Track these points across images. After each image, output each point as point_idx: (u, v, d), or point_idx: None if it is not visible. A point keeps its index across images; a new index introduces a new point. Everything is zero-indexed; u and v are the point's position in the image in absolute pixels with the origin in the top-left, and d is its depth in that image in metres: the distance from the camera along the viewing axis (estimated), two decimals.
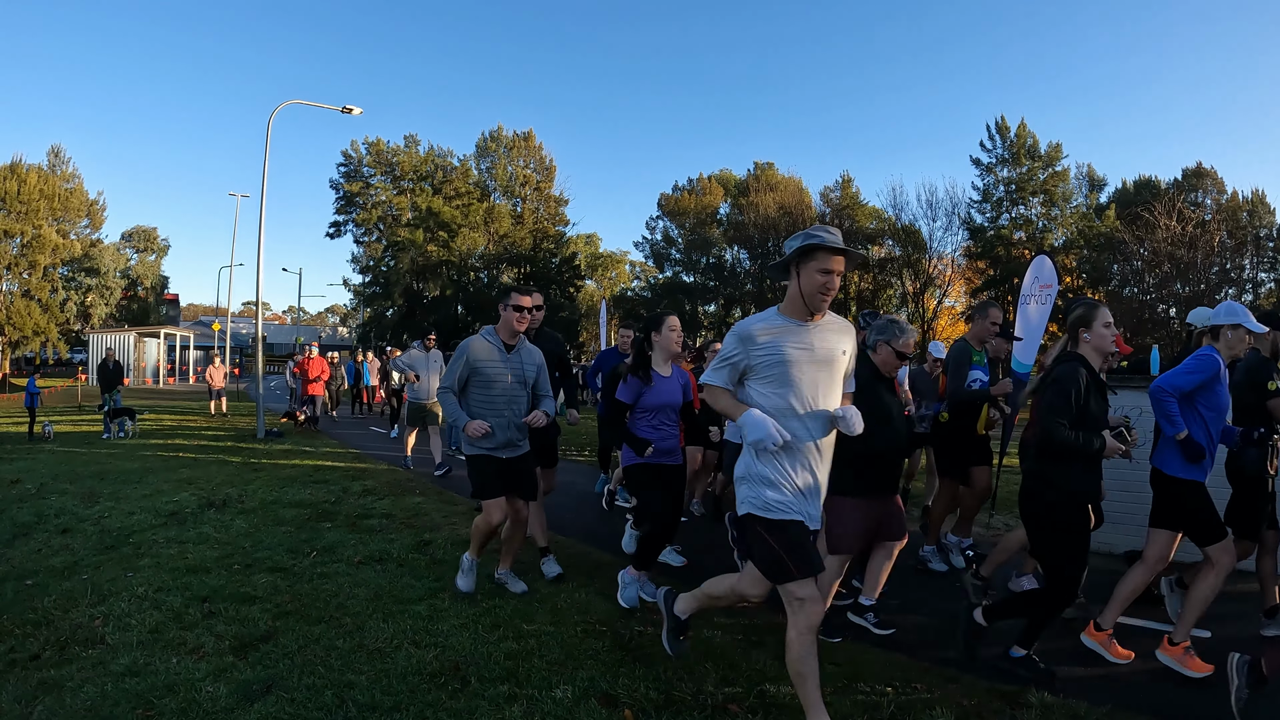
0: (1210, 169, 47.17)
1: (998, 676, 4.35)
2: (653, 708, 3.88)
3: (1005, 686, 4.22)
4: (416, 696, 3.93)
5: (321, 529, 7.71)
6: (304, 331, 58.58)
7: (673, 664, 4.36)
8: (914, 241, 49.88)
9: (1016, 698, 4.07)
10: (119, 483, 10.26)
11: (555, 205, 57.88)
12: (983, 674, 4.38)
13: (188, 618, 5.07)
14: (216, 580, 5.89)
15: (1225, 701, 3.94)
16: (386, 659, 4.41)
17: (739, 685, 4.14)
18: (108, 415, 16.77)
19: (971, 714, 3.91)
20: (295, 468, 11.89)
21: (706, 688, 4.10)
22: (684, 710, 3.87)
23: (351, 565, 6.37)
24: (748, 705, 3.93)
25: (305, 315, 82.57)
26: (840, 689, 4.13)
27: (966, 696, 4.08)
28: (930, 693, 4.13)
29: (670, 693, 4.03)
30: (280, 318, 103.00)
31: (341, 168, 56.83)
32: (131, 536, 7.31)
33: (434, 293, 55.34)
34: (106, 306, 56.78)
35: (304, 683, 4.05)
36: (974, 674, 4.37)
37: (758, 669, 4.39)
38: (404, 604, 5.39)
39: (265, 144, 18.71)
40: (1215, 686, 4.21)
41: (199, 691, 3.94)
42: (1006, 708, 4.00)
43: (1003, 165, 48.40)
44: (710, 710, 3.88)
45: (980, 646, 4.55)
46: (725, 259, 57.00)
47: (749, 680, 4.22)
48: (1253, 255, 43.31)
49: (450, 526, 7.89)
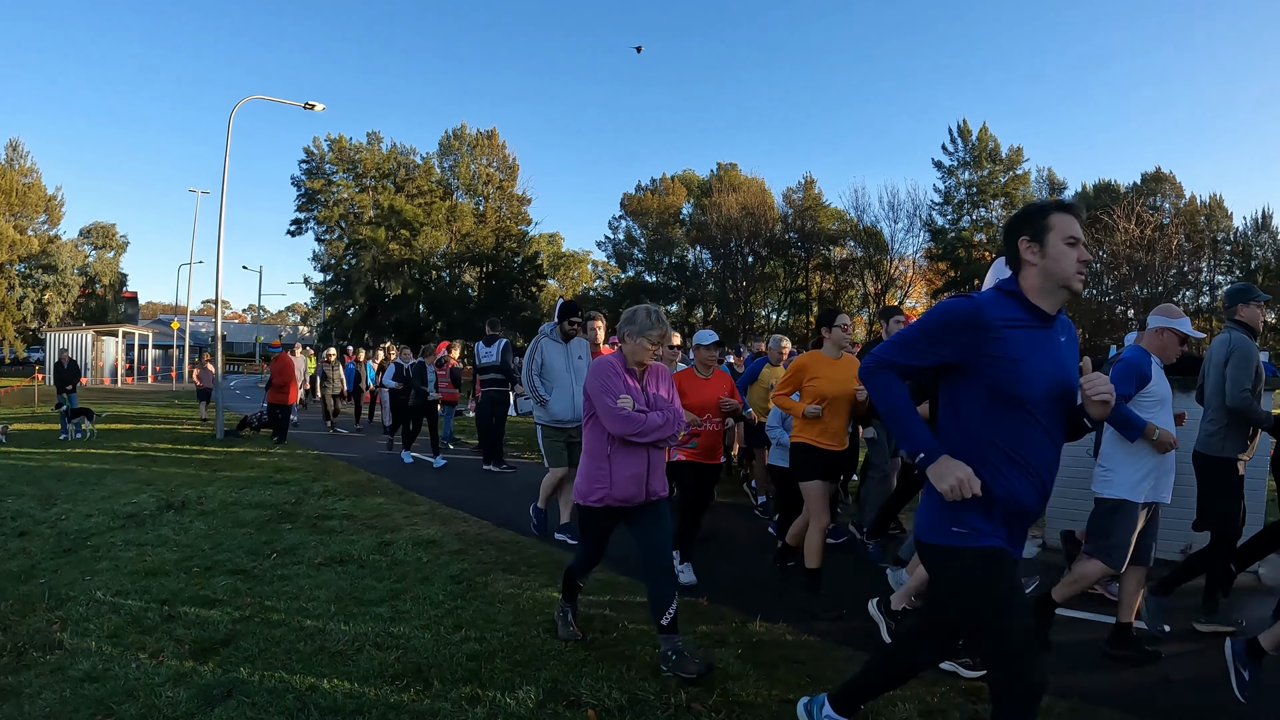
0: (1169, 174, 48.23)
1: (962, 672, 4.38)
2: (616, 708, 3.90)
3: (967, 681, 4.27)
4: (379, 699, 3.93)
5: (282, 530, 7.66)
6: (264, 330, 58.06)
7: (637, 664, 4.39)
8: (876, 243, 50.19)
9: (979, 692, 4.12)
10: (77, 484, 10.12)
11: (518, 204, 57.64)
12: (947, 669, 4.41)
13: (147, 621, 5.03)
14: (176, 583, 5.84)
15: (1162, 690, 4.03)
16: (348, 661, 4.40)
17: (703, 684, 4.16)
18: (65, 415, 16.52)
19: (935, 710, 3.96)
20: (255, 468, 11.78)
21: (671, 686, 4.12)
22: (648, 710, 3.89)
23: (312, 567, 6.35)
24: (711, 704, 3.95)
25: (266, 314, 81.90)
26: (803, 686, 4.17)
27: (930, 692, 4.13)
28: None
29: (634, 693, 4.05)
30: (241, 316, 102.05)
31: (303, 164, 56.19)
32: (89, 539, 7.22)
33: (396, 291, 54.94)
34: (64, 304, 55.90)
35: (265, 686, 4.04)
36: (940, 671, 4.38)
37: (721, 668, 4.41)
38: (365, 606, 5.38)
39: (226, 140, 18.51)
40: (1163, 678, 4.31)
41: (159, 696, 3.90)
42: (968, 702, 4.05)
43: (964, 168, 48.93)
44: (674, 710, 3.90)
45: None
46: (688, 259, 57.00)
47: (713, 679, 4.24)
48: (1210, 258, 44.03)
49: (411, 527, 7.89)
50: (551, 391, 7.57)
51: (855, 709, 3.48)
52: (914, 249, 50.09)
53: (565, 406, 7.51)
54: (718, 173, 57.97)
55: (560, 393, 7.56)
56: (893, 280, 49.82)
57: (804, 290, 52.54)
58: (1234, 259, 45.15)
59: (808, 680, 4.28)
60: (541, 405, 7.58)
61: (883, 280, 49.98)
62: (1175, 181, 47.86)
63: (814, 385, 5.75)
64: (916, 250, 50.06)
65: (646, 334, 4.51)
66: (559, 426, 7.59)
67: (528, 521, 7.71)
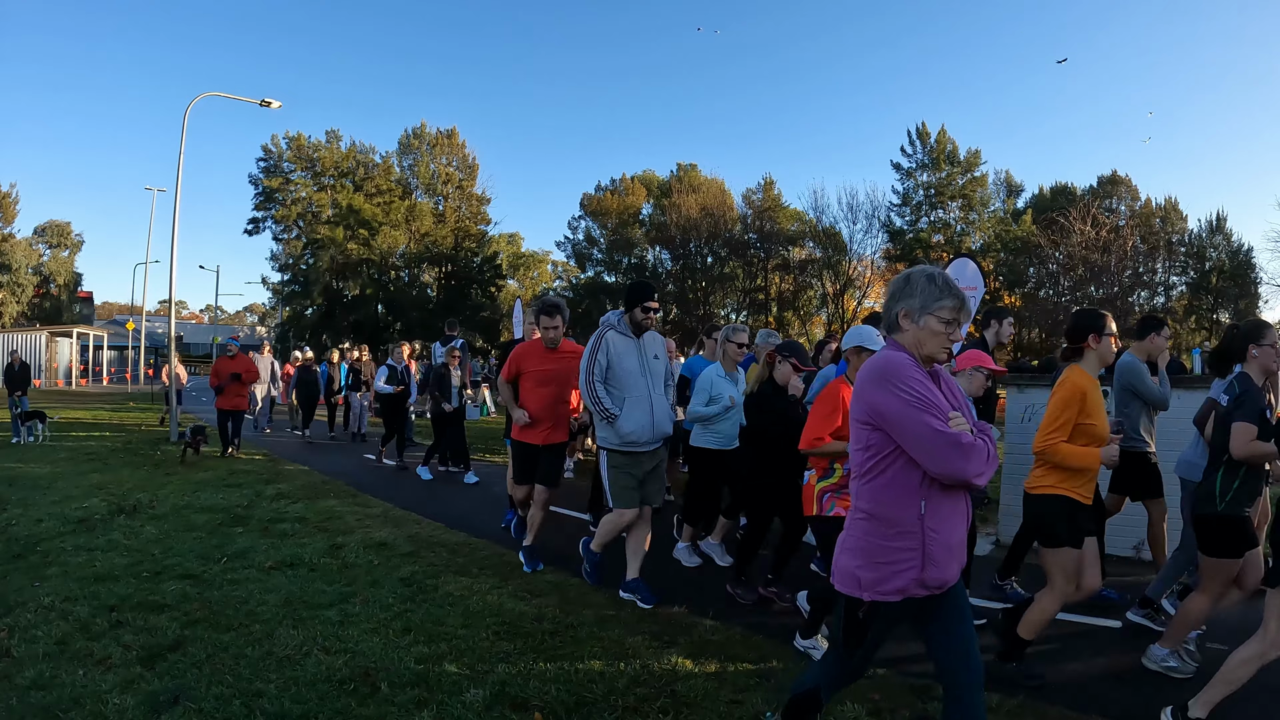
0: (1125, 176, 49.10)
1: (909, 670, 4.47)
2: (564, 709, 3.95)
3: (915, 680, 4.35)
4: (326, 704, 3.95)
5: (233, 534, 7.63)
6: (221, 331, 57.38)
7: (584, 666, 4.43)
8: (834, 244, 50.60)
9: (927, 690, 4.19)
10: (28, 489, 9.99)
11: (477, 204, 57.51)
12: (894, 668, 4.50)
13: (95, 628, 5.01)
14: (125, 588, 5.81)
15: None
16: (296, 666, 4.41)
17: (650, 685, 4.23)
18: (18, 419, 16.28)
19: (884, 708, 4.03)
20: (208, 471, 11.68)
21: (618, 687, 4.18)
22: (595, 712, 3.95)
23: (262, 571, 6.33)
24: (659, 706, 4.00)
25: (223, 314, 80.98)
26: (751, 686, 4.26)
27: (877, 690, 4.21)
28: None
29: (581, 694, 4.11)
30: (198, 316, 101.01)
31: (261, 163, 55.57)
32: (39, 544, 7.14)
33: (354, 291, 54.62)
34: (18, 304, 54.99)
35: (212, 692, 4.04)
36: (885, 668, 4.47)
37: (668, 669, 4.47)
38: (315, 609, 5.39)
39: (181, 137, 18.32)
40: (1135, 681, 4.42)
41: (106, 704, 3.90)
42: (917, 700, 4.14)
43: (923, 170, 49.56)
44: (621, 711, 3.96)
45: None
46: (647, 259, 57.04)
47: (660, 680, 4.31)
48: (1165, 260, 44.86)
49: (364, 530, 7.89)
50: (623, 404, 5.80)
51: None
52: (872, 250, 50.66)
53: (643, 424, 5.81)
54: (678, 173, 58.02)
55: (635, 406, 5.80)
56: (851, 281, 50.23)
57: (763, 290, 52.74)
58: (1188, 260, 45.97)
59: (757, 680, 4.36)
60: (609, 423, 5.81)
61: (841, 281, 50.37)
62: (1131, 184, 48.75)
63: (1091, 425, 4.30)
64: (875, 251, 50.60)
65: (937, 308, 2.87)
66: (632, 452, 5.86)
67: (480, 523, 7.71)
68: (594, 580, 6.13)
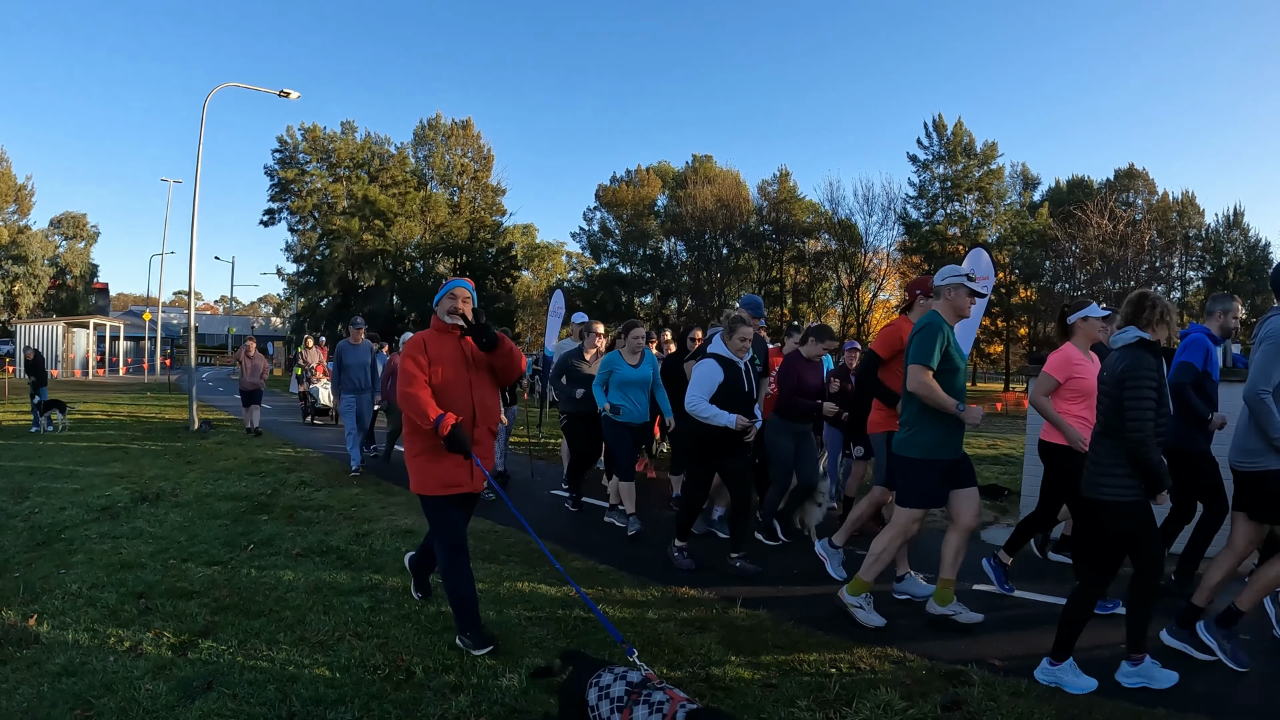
0: (1142, 170, 48.79)
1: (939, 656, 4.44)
2: None
3: (946, 665, 4.32)
4: (360, 689, 3.91)
5: (258, 521, 7.62)
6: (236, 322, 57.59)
7: (618, 651, 4.39)
8: (850, 236, 50.50)
9: (958, 676, 4.17)
10: (49, 478, 9.99)
11: (492, 195, 57.60)
12: (925, 654, 4.47)
13: (124, 615, 4.99)
14: (152, 575, 5.79)
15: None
16: (329, 651, 4.38)
17: (685, 669, 4.20)
18: (37, 408, 16.30)
19: (915, 693, 4.00)
20: (230, 460, 11.70)
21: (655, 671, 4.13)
22: None
23: (290, 558, 6.32)
24: (694, 690, 3.96)
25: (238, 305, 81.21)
26: (785, 671, 4.21)
27: (909, 676, 4.18)
28: (874, 673, 4.23)
29: None
30: (212, 308, 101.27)
31: (277, 154, 55.83)
32: (63, 532, 7.14)
33: (369, 282, 54.75)
34: (34, 296, 55.27)
35: (245, 678, 4.01)
36: (918, 655, 4.46)
37: (702, 653, 4.45)
38: (345, 596, 5.37)
39: (200, 128, 18.28)
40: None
41: (138, 690, 3.87)
42: (948, 685, 4.10)
43: (939, 162, 49.28)
44: None
45: None
46: (662, 251, 57.07)
47: (695, 664, 4.28)
48: (1182, 254, 44.62)
49: (389, 517, 7.87)
50: None
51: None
52: (888, 242, 50.51)
53: None
54: (693, 165, 58.00)
55: None
56: (866, 273, 50.08)
57: (778, 282, 52.61)
58: (1205, 255, 45.68)
59: (789, 666, 4.32)
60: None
61: (857, 273, 50.25)
62: (1148, 178, 48.48)
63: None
64: (890, 243, 50.46)
65: None
66: None
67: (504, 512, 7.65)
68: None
